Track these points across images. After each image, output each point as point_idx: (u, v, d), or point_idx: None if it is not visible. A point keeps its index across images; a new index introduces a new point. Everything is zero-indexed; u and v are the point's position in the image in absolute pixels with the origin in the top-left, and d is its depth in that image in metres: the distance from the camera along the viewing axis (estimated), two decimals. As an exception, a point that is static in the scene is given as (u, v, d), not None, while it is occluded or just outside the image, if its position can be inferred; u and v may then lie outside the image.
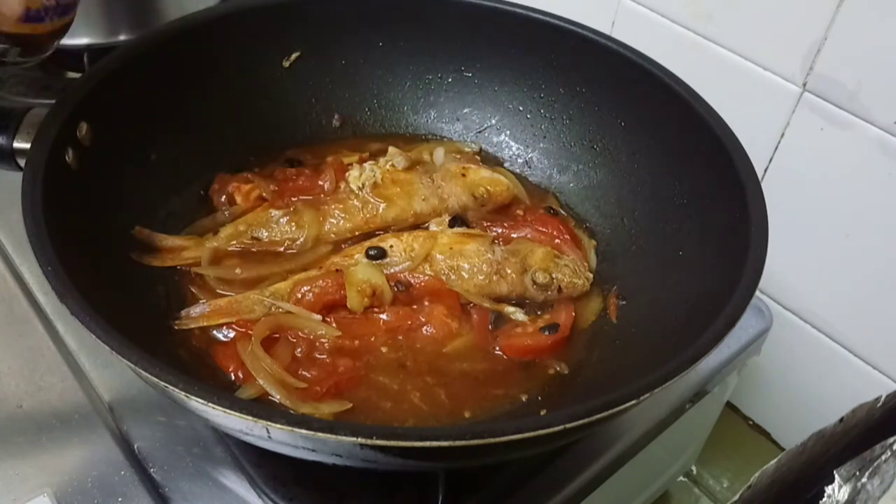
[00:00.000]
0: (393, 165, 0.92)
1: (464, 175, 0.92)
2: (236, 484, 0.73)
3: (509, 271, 0.83)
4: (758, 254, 0.66)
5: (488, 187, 0.92)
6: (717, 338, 0.59)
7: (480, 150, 1.01)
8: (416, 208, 0.90)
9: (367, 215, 0.88)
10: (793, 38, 0.92)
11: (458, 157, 0.97)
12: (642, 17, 1.06)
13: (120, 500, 0.71)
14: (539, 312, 0.83)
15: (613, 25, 1.10)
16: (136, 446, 0.76)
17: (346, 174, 0.90)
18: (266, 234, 0.86)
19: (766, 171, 1.01)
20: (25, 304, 0.88)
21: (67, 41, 1.03)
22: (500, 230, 0.89)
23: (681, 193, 0.82)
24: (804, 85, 0.93)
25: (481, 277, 0.82)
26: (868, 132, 0.90)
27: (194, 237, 0.85)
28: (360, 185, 0.89)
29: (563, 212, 0.94)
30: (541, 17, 0.93)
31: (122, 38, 1.03)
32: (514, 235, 0.89)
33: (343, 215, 0.87)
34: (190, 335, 0.76)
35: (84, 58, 1.05)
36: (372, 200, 0.88)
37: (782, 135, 0.98)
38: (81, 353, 0.84)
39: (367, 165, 0.91)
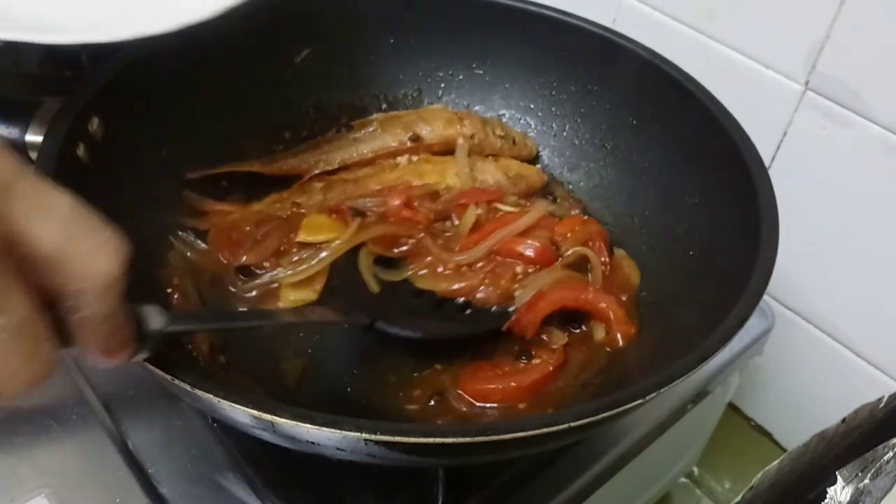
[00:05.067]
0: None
1: (496, 160, 0.94)
2: (235, 485, 0.73)
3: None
4: (768, 254, 0.66)
5: (521, 171, 0.94)
6: (726, 338, 0.59)
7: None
8: (448, 182, 0.91)
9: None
10: (795, 36, 0.91)
11: None
12: (643, 15, 1.06)
13: (118, 500, 0.70)
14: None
15: (614, 23, 1.10)
16: (133, 447, 0.75)
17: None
18: (305, 199, 0.89)
19: (768, 169, 1.01)
20: (22, 303, 0.87)
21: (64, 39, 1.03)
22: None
23: (692, 193, 0.82)
24: (806, 83, 0.93)
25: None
26: (871, 131, 0.89)
27: (240, 203, 0.88)
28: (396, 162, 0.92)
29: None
30: (554, 14, 0.92)
31: (119, 35, 1.03)
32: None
33: (378, 188, 0.89)
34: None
35: (81, 55, 1.04)
36: (405, 175, 0.90)
37: (784, 133, 0.98)
38: (79, 352, 0.83)
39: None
